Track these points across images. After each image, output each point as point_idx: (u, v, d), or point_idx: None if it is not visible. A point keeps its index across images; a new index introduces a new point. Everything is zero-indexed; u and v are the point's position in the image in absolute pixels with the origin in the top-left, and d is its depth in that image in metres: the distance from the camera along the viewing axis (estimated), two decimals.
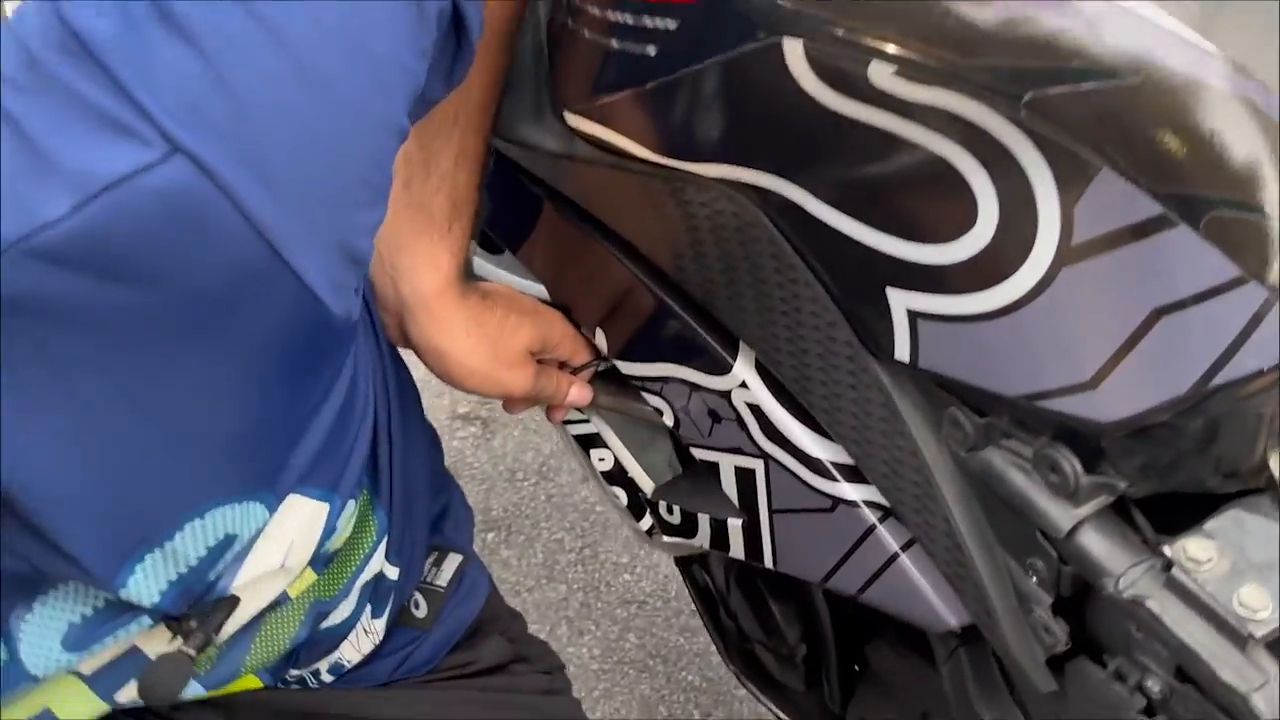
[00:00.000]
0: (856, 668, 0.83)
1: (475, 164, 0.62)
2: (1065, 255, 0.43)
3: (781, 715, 0.96)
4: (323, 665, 0.64)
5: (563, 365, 0.74)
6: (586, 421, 0.79)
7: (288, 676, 0.63)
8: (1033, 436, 0.49)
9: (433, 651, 0.70)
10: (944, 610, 0.57)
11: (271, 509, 0.47)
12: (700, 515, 0.73)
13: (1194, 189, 0.40)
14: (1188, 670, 0.44)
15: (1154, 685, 0.46)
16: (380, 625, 0.66)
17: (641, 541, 0.98)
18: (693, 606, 1.44)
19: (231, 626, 0.52)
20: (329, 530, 0.52)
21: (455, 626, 0.72)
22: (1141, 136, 0.39)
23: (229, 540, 0.46)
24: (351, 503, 0.55)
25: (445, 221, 0.63)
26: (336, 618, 0.62)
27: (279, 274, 0.38)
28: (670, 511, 0.76)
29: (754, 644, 0.92)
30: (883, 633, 0.77)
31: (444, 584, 0.71)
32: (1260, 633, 0.41)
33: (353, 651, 0.65)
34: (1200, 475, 0.46)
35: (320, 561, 0.56)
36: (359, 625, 0.64)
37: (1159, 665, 0.46)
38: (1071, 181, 0.41)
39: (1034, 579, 0.51)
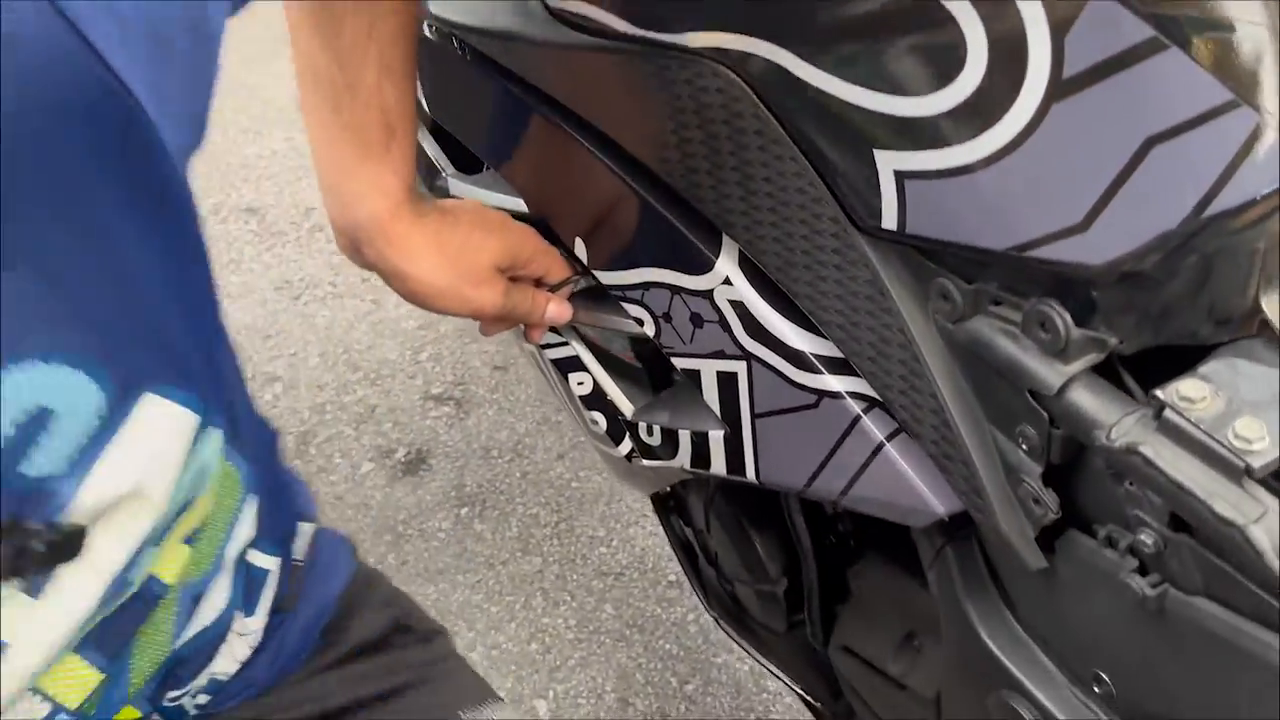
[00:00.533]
0: (837, 607, 0.82)
1: (402, 79, 0.61)
2: (1056, 91, 0.42)
3: (762, 660, 0.94)
4: (201, 681, 0.57)
5: (539, 283, 0.73)
6: (565, 344, 0.78)
7: (166, 703, 0.56)
8: (1022, 299, 0.48)
9: (303, 638, 0.63)
10: (931, 498, 0.56)
11: (110, 396, 0.39)
12: (681, 432, 0.71)
13: (1185, 9, 0.40)
14: (1183, 514, 0.43)
15: (1146, 539, 0.45)
16: (255, 625, 0.59)
17: (619, 475, 0.96)
18: (669, 577, 1.43)
19: (83, 578, 0.41)
20: (198, 461, 0.45)
21: (322, 604, 0.65)
22: None
23: (43, 416, 0.36)
24: (218, 433, 0.47)
25: (382, 142, 0.62)
26: (210, 611, 0.55)
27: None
28: (650, 432, 0.74)
29: (735, 586, 0.91)
30: (865, 554, 0.76)
31: (301, 557, 0.64)
32: (1258, 464, 0.40)
33: (229, 661, 0.59)
34: (1192, 324, 0.45)
35: (191, 537, 0.50)
36: (233, 628, 0.58)
37: (1152, 516, 0.45)
38: (1063, 10, 0.41)
39: (1024, 448, 0.50)
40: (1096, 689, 0.53)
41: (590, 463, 1.63)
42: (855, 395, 0.59)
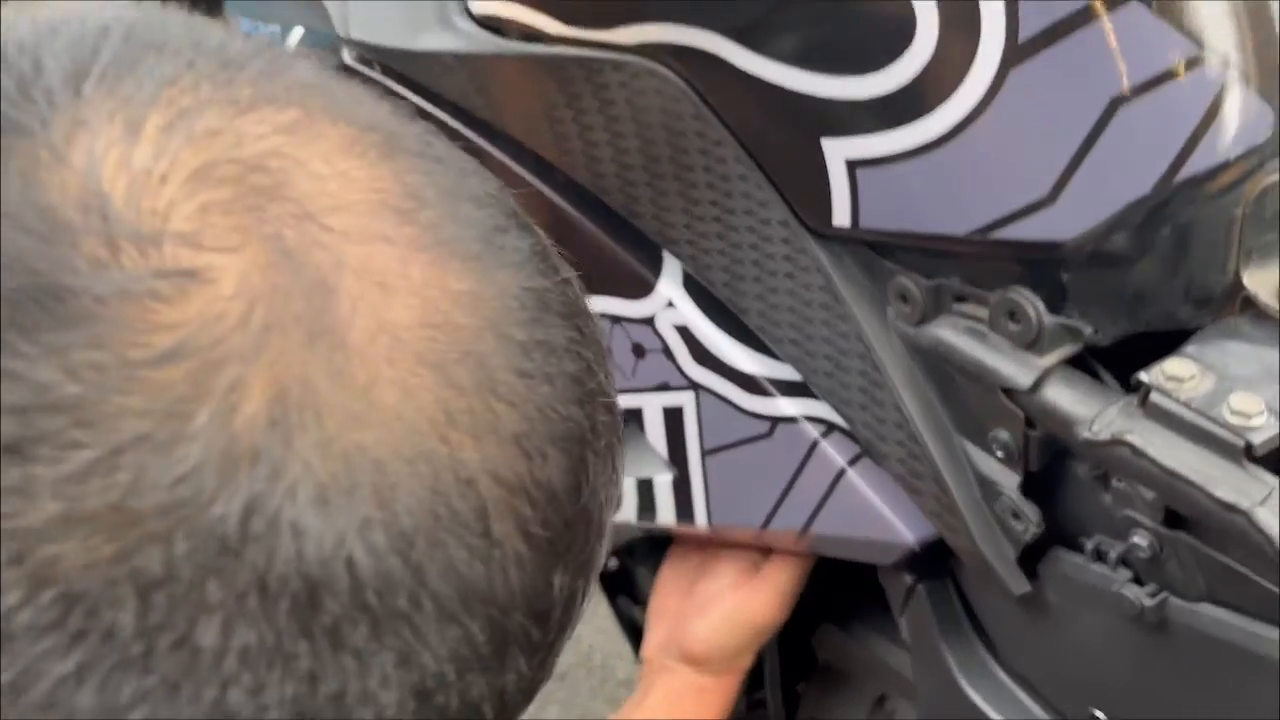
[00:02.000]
0: (799, 685, 0.76)
1: None
2: (1012, 56, 0.40)
3: None
4: None
5: None
6: None
7: None
8: (987, 291, 0.45)
9: None
10: (900, 525, 0.52)
11: None
12: (625, 482, 0.66)
13: None
14: (1179, 506, 0.39)
15: (1140, 543, 0.41)
16: None
17: None
18: (619, 675, 1.34)
19: None
20: None
21: None
22: None
23: None
24: None
25: None
26: None
27: None
28: None
29: None
30: (828, 618, 0.70)
31: None
32: (1259, 440, 0.36)
33: None
34: (1169, 305, 0.42)
35: None
36: None
37: (1146, 515, 0.40)
38: None
39: (999, 455, 0.46)
40: None
41: None
42: (812, 420, 0.54)
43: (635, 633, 0.94)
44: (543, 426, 0.23)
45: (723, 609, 0.62)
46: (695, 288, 0.57)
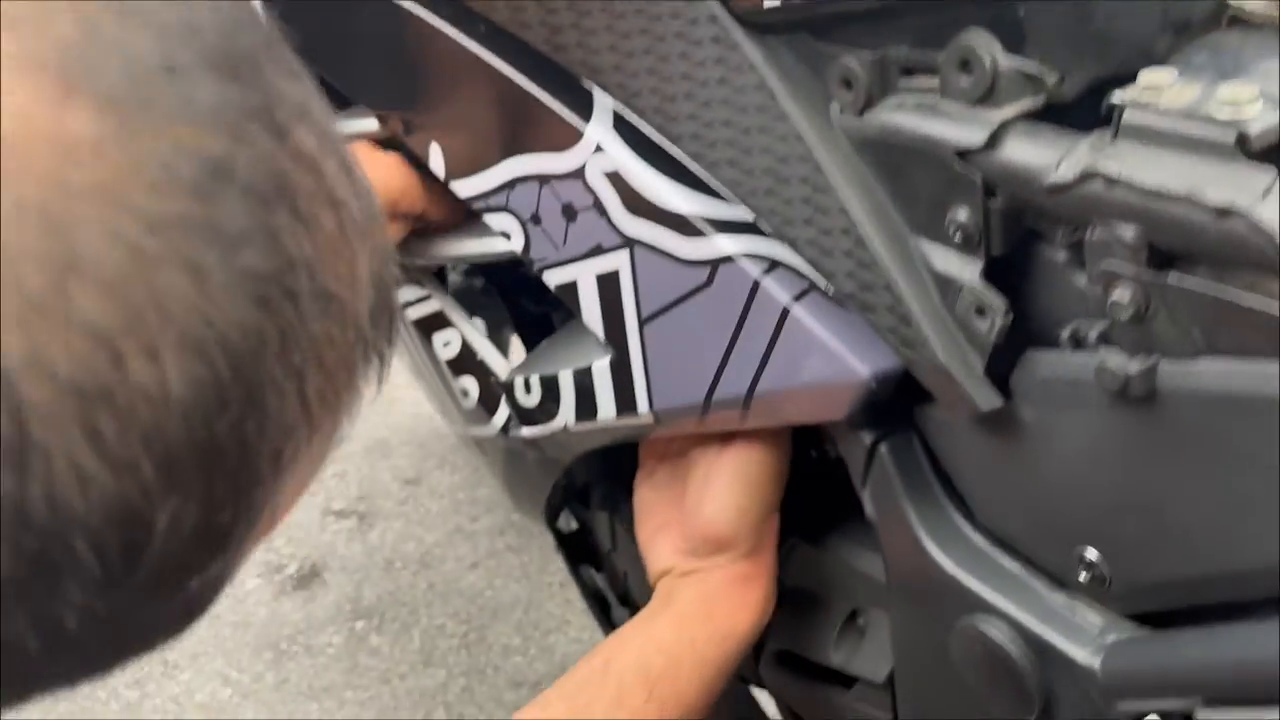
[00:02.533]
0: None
1: None
2: None
3: None
4: None
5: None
6: (427, 298, 0.67)
7: None
8: (937, 51, 0.39)
9: None
10: (851, 358, 0.45)
11: None
12: (561, 378, 0.60)
13: None
14: (1166, 236, 0.33)
15: (1122, 299, 0.34)
16: None
17: (506, 487, 0.83)
18: None
19: None
20: None
21: None
22: None
23: None
24: None
25: None
26: None
27: None
28: (528, 390, 0.63)
29: None
30: (789, 536, 0.63)
31: None
32: (1255, 130, 0.30)
33: None
34: (1144, 36, 0.36)
35: None
36: None
37: (1127, 261, 0.34)
38: None
39: (957, 241, 0.39)
40: (1084, 577, 0.41)
41: (508, 570, 1.46)
42: (753, 257, 0.48)
43: (601, 604, 0.86)
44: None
45: (725, 477, 0.55)
46: (625, 129, 0.52)
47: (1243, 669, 0.34)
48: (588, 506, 0.80)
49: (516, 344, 0.77)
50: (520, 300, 0.76)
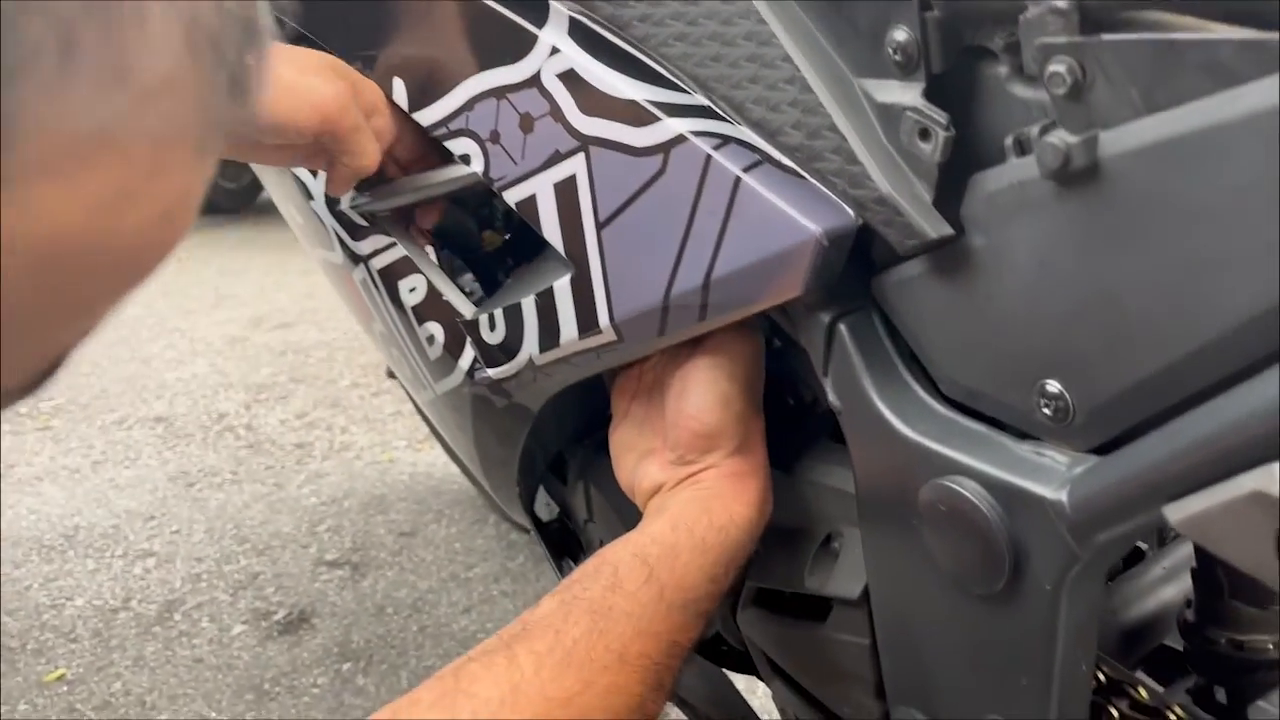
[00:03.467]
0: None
1: None
2: None
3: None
4: None
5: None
6: (393, 245, 0.66)
7: None
8: None
9: None
10: (802, 219, 0.44)
11: None
12: (524, 307, 0.59)
13: None
14: None
15: (1059, 70, 0.33)
16: None
17: (459, 415, 0.80)
18: None
19: None
20: None
21: None
22: None
23: None
24: None
25: None
26: None
27: None
28: (492, 327, 0.61)
29: None
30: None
31: None
32: None
33: None
34: None
35: None
36: None
37: (1060, 31, 0.33)
38: None
39: (898, 61, 0.39)
40: (1048, 412, 0.38)
41: (502, 614, 1.42)
42: (704, 134, 0.48)
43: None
44: None
45: (701, 373, 0.53)
46: (579, 32, 0.52)
47: (1199, 448, 0.32)
48: (565, 482, 0.78)
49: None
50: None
